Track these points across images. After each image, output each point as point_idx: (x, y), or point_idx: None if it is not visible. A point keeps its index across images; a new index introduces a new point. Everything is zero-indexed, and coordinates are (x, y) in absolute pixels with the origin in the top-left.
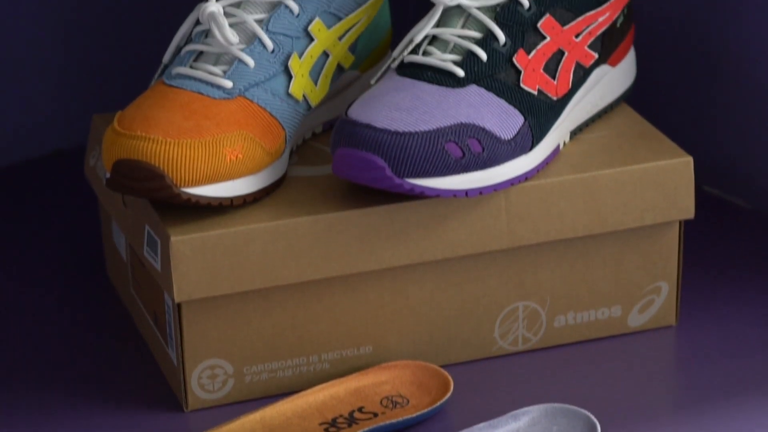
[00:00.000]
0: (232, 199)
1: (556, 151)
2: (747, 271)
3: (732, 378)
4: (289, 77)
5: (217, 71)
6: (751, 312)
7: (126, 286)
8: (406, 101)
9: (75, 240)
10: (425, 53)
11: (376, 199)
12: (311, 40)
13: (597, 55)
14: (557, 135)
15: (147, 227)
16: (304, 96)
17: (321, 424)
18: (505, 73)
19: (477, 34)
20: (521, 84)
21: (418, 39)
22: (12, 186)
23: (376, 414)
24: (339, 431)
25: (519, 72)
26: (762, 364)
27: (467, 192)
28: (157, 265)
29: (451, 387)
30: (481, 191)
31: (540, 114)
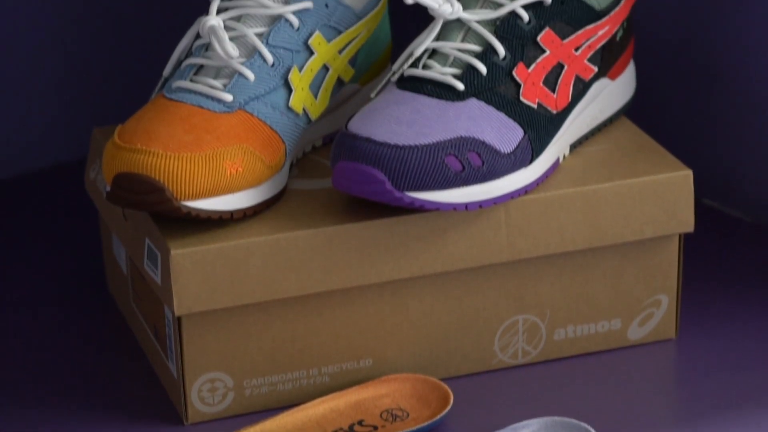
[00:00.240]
0: (232, 213)
1: (555, 165)
2: (747, 284)
3: (732, 391)
4: (290, 91)
5: (218, 85)
6: (751, 325)
7: (126, 299)
8: (406, 115)
9: (75, 253)
10: (425, 67)
11: (376, 213)
12: (311, 53)
13: (596, 69)
14: (557, 148)
15: (147, 240)
16: (304, 109)
17: None
18: (505, 87)
19: (477, 47)
20: (521, 97)
21: (418, 52)
22: (12, 199)
23: (375, 427)
24: None
25: (519, 85)
26: (762, 377)
27: (467, 205)
28: (158, 278)
29: (451, 400)
30: (481, 204)
31: (540, 127)
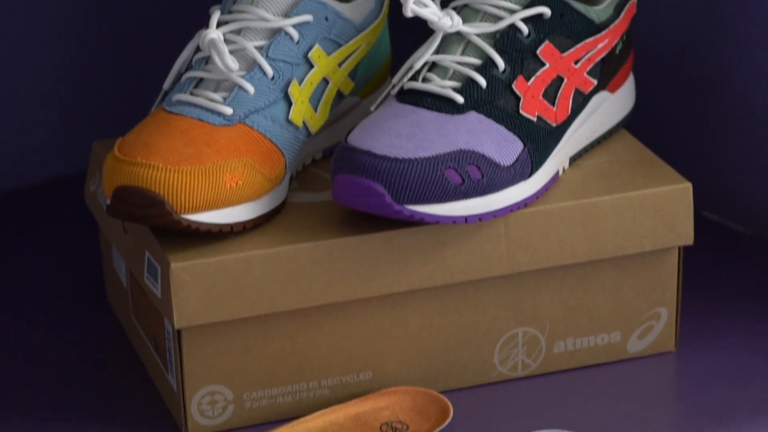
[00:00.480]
0: (232, 226)
1: (555, 178)
2: (746, 297)
3: (731, 404)
4: (289, 104)
5: (218, 98)
6: (751, 338)
7: (126, 312)
8: (405, 128)
9: (75, 266)
10: (425, 80)
11: (375, 226)
12: (311, 66)
13: (596, 82)
14: (556, 161)
15: (147, 253)
16: (304, 122)
17: None
18: (505, 100)
19: (476, 60)
20: (520, 110)
21: (417, 66)
22: (13, 211)
23: None
24: None
25: (518, 98)
26: (761, 390)
27: (467, 218)
28: (157, 292)
29: (451, 413)
30: (481, 218)
31: (539, 140)
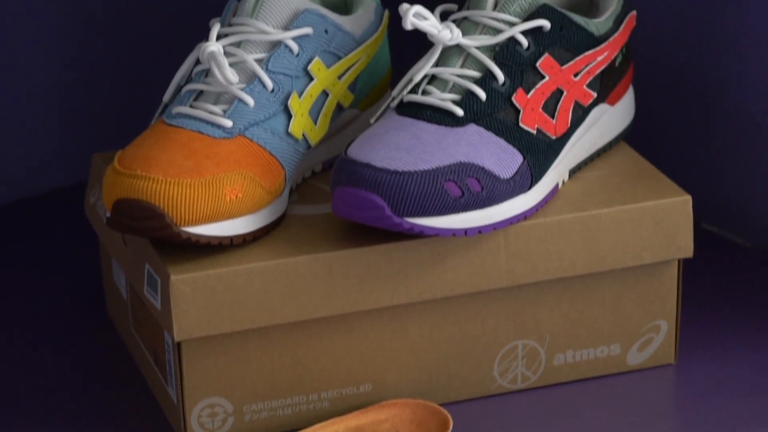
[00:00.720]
0: (231, 238)
1: (555, 190)
2: (746, 309)
3: (730, 417)
4: (289, 116)
5: (217, 110)
6: (751, 351)
7: (126, 324)
8: (405, 140)
9: (75, 278)
10: (424, 92)
11: (375, 238)
12: (311, 79)
13: (596, 94)
14: (556, 174)
15: (147, 266)
16: (303, 135)
17: None
18: (504, 113)
19: (476, 73)
20: (520, 123)
21: (417, 78)
22: (12, 223)
23: None
24: None
25: (518, 111)
26: (761, 403)
27: (466, 231)
28: (157, 304)
29: (451, 425)
30: (480, 230)
31: (539, 153)
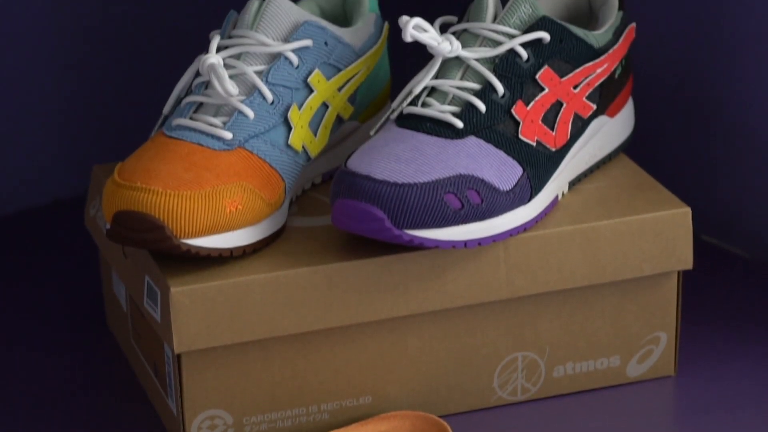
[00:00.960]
0: (231, 250)
1: (554, 202)
2: (746, 321)
3: (730, 429)
4: (289, 128)
5: (217, 122)
6: (750, 362)
7: (126, 336)
8: (405, 152)
9: (75, 289)
10: (424, 104)
11: (375, 250)
12: (311, 91)
13: (595, 106)
14: (556, 186)
15: (147, 278)
16: (303, 147)
17: None
18: (504, 125)
19: (476, 85)
20: (520, 135)
21: (417, 90)
22: (12, 235)
23: None
24: None
25: (518, 123)
26: (761, 415)
27: (466, 243)
28: (157, 316)
29: None
30: (480, 242)
31: (538, 165)
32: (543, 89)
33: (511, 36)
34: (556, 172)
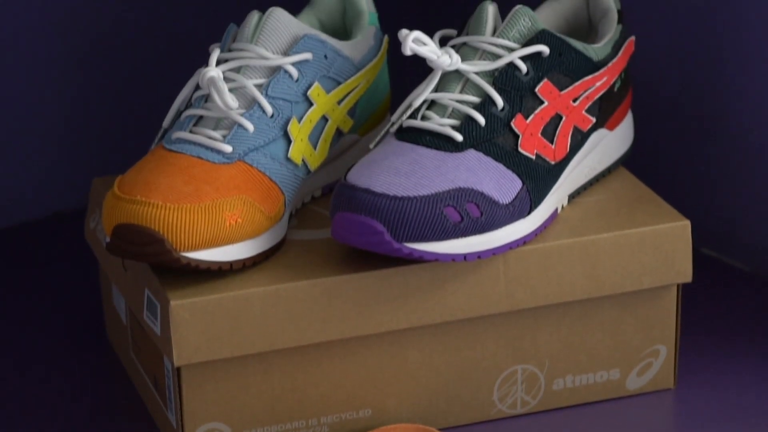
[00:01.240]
0: (231, 263)
1: (554, 215)
2: (746, 334)
3: None
4: (289, 141)
5: (217, 136)
6: (750, 375)
7: (126, 349)
8: (404, 166)
9: (75, 302)
10: (424, 118)
11: (374, 263)
12: (310, 104)
13: (594, 120)
14: (555, 199)
15: (147, 291)
16: (303, 160)
17: None
18: (504, 138)
19: (475, 98)
20: (519, 148)
21: (416, 103)
22: (12, 247)
23: None
24: None
25: (517, 136)
26: (760, 428)
27: (466, 256)
28: (157, 329)
29: None
30: (480, 255)
31: (538, 178)
32: (542, 102)
33: (511, 49)
34: (555, 185)
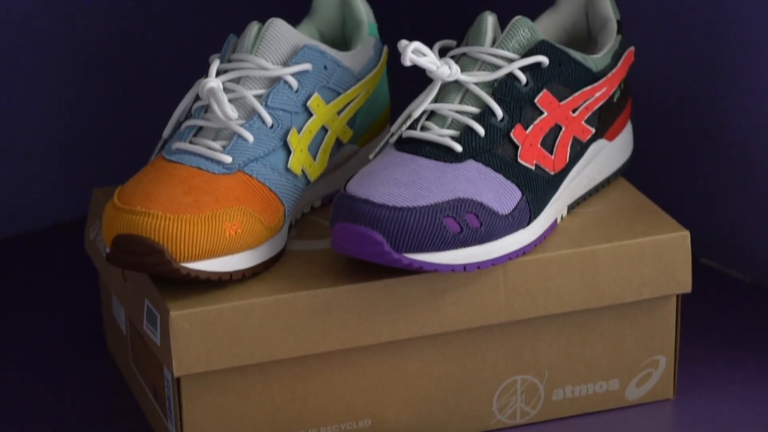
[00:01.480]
0: (231, 274)
1: (553, 226)
2: (745, 345)
3: None
4: (288, 152)
5: (217, 146)
6: (749, 385)
7: (126, 359)
8: (404, 176)
9: (75, 313)
10: (423, 128)
11: (374, 274)
12: (310, 115)
13: (594, 130)
14: (555, 209)
15: (147, 301)
16: (302, 170)
17: None
18: (503, 148)
19: (475, 109)
20: (519, 159)
21: (416, 114)
22: (12, 258)
23: None
24: None
25: (516, 147)
26: None
27: (465, 267)
28: (157, 340)
29: None
30: (479, 266)
31: (537, 188)
32: (542, 113)
33: (510, 60)
34: (555, 195)
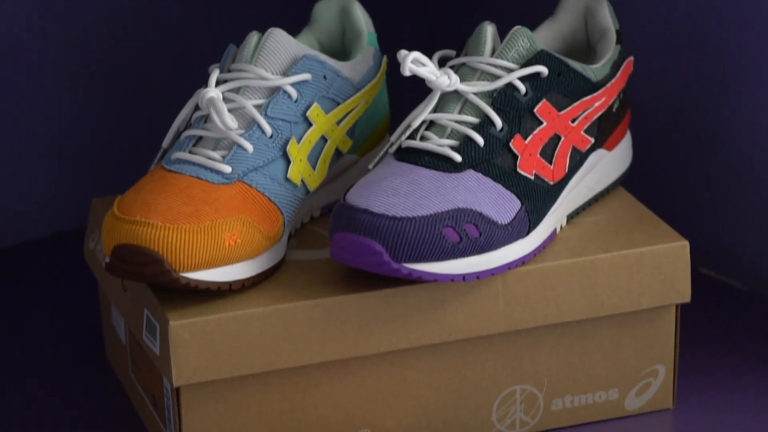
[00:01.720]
0: (230, 284)
1: (552, 236)
2: (744, 354)
3: None
4: (288, 162)
5: (216, 156)
6: (748, 395)
7: (125, 369)
8: (403, 186)
9: (74, 322)
10: (423, 138)
11: (374, 284)
12: (310, 125)
13: (593, 140)
14: (554, 219)
15: (146, 311)
16: (302, 180)
17: None
18: (502, 158)
19: (474, 119)
20: (518, 169)
21: (415, 124)
22: (11, 268)
23: None
24: None
25: (516, 157)
26: None
27: (464, 276)
28: (156, 349)
29: None
30: (479, 276)
31: (537, 198)
32: (541, 123)
33: (510, 70)
34: (554, 205)
